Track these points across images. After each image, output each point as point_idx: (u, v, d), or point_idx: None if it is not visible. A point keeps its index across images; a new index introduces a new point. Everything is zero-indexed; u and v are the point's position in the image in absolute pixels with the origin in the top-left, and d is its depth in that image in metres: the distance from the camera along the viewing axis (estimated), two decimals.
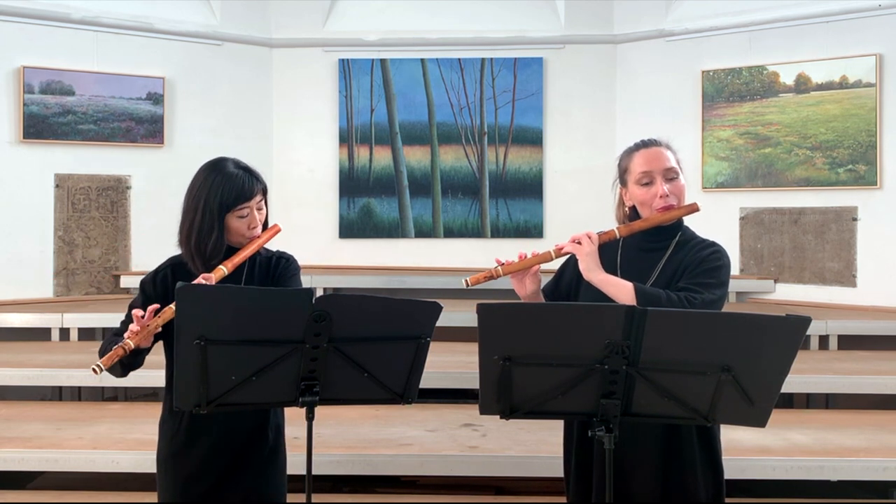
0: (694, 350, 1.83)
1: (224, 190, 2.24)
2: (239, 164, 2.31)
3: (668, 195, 2.23)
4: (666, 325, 1.81)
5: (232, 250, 2.28)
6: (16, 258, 5.63)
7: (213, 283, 2.15)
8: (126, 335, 2.11)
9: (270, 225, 2.37)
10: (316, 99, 6.71)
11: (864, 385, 4.20)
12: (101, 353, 2.20)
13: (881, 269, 5.49)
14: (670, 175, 2.25)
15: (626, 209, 2.34)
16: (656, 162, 2.25)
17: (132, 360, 2.20)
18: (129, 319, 2.23)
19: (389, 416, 3.88)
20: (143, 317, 2.09)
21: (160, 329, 2.13)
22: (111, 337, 2.27)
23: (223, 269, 2.21)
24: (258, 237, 2.30)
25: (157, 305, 2.12)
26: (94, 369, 2.06)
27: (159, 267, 2.36)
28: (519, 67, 6.64)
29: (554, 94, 6.66)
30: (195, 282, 2.14)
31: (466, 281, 2.19)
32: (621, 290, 2.14)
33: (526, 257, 2.25)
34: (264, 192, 2.34)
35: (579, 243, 2.21)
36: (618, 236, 2.27)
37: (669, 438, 2.15)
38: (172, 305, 2.10)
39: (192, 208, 2.26)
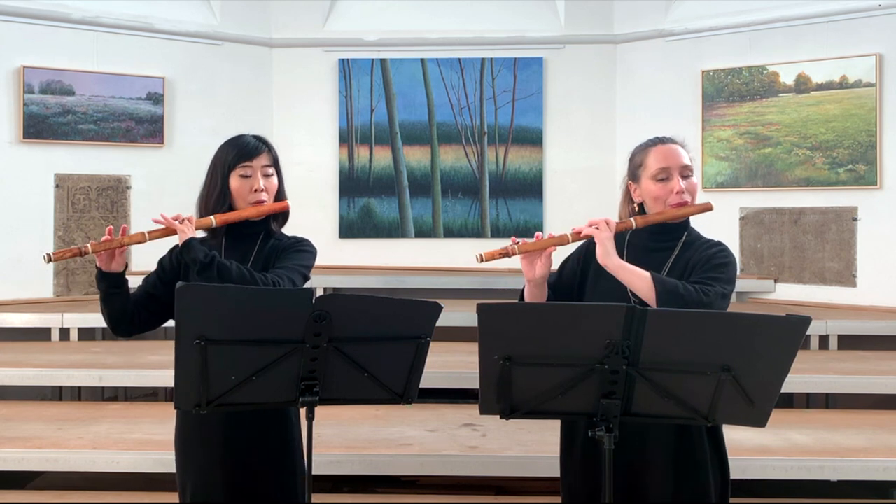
0: (694, 350, 1.83)
1: (228, 149, 2.34)
2: (254, 135, 2.39)
3: (684, 191, 2.24)
4: (666, 325, 1.81)
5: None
6: (16, 258, 5.62)
7: (193, 226, 2.23)
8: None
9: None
10: (316, 99, 6.71)
11: (864, 385, 4.20)
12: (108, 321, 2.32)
13: (881, 269, 5.49)
14: (686, 172, 2.27)
15: (635, 206, 2.33)
16: (674, 158, 2.27)
17: (111, 292, 2.26)
18: (145, 284, 2.35)
19: (389, 416, 3.88)
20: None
21: (126, 248, 2.23)
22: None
23: (211, 220, 2.29)
24: (262, 203, 2.32)
25: (126, 227, 2.26)
26: (44, 256, 2.19)
27: (175, 245, 2.37)
28: (519, 67, 6.64)
29: (554, 94, 6.65)
30: (172, 216, 2.24)
31: (480, 255, 2.19)
32: (638, 277, 2.11)
33: (542, 238, 2.23)
34: (275, 163, 2.38)
35: (597, 228, 2.19)
36: (634, 226, 2.25)
37: (681, 438, 2.15)
38: (144, 231, 2.23)
39: (207, 174, 2.37)
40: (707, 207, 2.28)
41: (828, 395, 4.56)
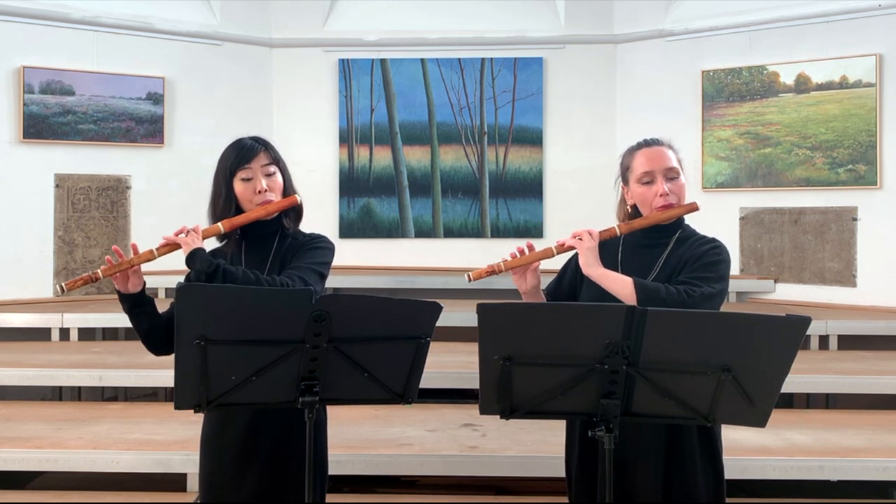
0: (694, 350, 1.83)
1: (227, 154, 2.34)
2: (252, 136, 2.39)
3: (668, 194, 2.26)
4: (666, 325, 1.81)
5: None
6: (16, 258, 5.63)
7: (200, 234, 2.22)
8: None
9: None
10: (316, 99, 6.71)
11: (864, 385, 4.20)
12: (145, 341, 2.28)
13: (881, 269, 5.49)
14: (671, 174, 2.28)
15: (628, 207, 2.37)
16: (657, 161, 2.28)
17: (134, 311, 2.24)
18: (171, 306, 2.26)
19: (389, 416, 3.88)
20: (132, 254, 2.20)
21: (136, 268, 2.20)
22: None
23: (219, 226, 2.28)
24: (269, 203, 2.31)
25: (135, 244, 2.24)
26: (58, 288, 2.19)
27: None
28: (519, 67, 6.64)
29: (554, 94, 6.65)
30: (176, 230, 2.23)
31: (469, 275, 2.23)
32: (620, 285, 2.15)
33: (527, 252, 2.27)
34: (276, 161, 2.37)
35: (580, 239, 2.24)
36: (618, 233, 2.29)
37: (670, 438, 2.16)
38: (153, 248, 2.21)
39: (213, 181, 2.36)
40: (692, 208, 2.29)
41: (828, 395, 4.56)
